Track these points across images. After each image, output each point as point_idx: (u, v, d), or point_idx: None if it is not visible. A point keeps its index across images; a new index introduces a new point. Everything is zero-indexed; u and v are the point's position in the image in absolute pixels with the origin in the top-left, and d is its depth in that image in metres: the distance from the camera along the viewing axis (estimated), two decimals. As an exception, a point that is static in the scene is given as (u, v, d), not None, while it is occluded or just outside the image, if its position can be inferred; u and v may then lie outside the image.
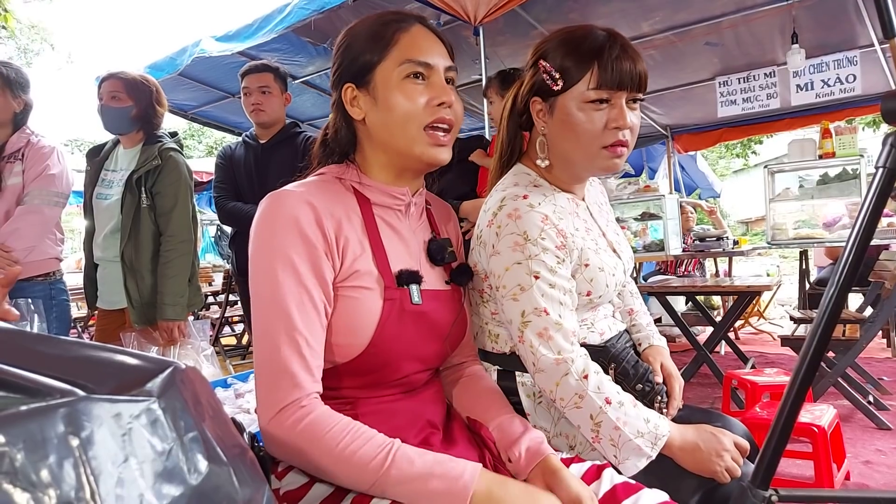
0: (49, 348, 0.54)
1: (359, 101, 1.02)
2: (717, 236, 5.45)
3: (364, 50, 1.01)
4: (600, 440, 1.08)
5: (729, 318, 3.90)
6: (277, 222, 0.93)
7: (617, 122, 1.12)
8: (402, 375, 1.02)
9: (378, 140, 1.03)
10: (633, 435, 1.06)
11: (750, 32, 4.52)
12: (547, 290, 1.11)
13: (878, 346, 5.07)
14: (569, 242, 1.16)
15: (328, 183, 1.02)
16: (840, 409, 3.07)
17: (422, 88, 0.99)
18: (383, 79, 0.99)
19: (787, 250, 8.14)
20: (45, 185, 2.44)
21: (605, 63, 1.10)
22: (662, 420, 1.10)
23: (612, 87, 1.11)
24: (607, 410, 1.06)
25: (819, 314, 0.67)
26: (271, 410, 0.87)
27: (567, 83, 1.14)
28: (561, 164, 1.23)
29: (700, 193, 9.41)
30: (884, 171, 0.66)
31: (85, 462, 0.43)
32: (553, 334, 1.10)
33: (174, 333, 2.38)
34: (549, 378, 1.10)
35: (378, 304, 0.96)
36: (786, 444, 0.70)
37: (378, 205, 1.05)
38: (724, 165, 20.11)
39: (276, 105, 2.84)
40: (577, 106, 1.13)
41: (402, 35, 1.00)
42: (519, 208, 1.13)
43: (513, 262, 1.12)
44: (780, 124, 6.28)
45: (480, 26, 3.41)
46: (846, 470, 2.47)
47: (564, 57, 1.14)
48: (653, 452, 1.06)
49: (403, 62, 0.98)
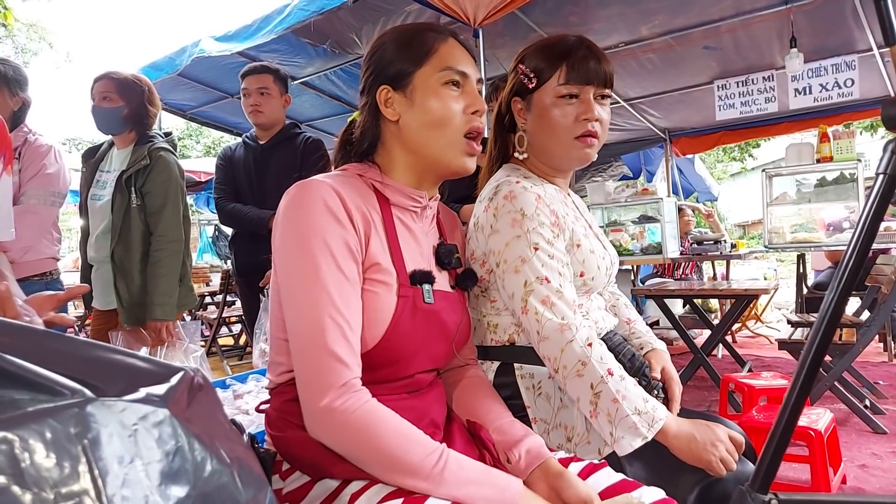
0: (60, 346, 0.54)
1: (394, 102, 1.06)
2: (714, 239, 5.46)
3: (403, 55, 1.06)
4: (598, 414, 1.09)
5: (726, 321, 3.90)
6: (308, 207, 0.94)
7: (586, 114, 1.25)
8: (410, 373, 1.03)
9: (410, 141, 1.06)
10: (631, 411, 1.08)
11: (748, 36, 4.54)
12: (547, 261, 1.17)
13: (874, 350, 5.09)
14: (561, 222, 1.24)
15: (351, 178, 1.05)
16: (836, 412, 3.08)
17: (457, 95, 1.05)
18: (422, 83, 1.04)
19: (785, 254, 8.17)
20: (42, 185, 2.43)
21: (572, 62, 1.25)
22: (661, 406, 1.13)
23: (579, 83, 1.25)
24: (608, 381, 1.09)
25: (819, 318, 0.67)
26: (324, 392, 0.88)
27: (540, 81, 1.28)
28: (540, 156, 1.34)
29: (697, 196, 9.43)
30: (885, 178, 0.67)
31: (92, 463, 0.43)
32: (556, 301, 1.14)
33: (163, 334, 2.36)
34: (553, 345, 1.12)
35: (392, 300, 0.98)
36: (786, 448, 0.70)
37: (396, 205, 1.07)
38: (721, 169, 20.17)
39: (274, 106, 2.83)
40: (551, 101, 1.27)
41: (441, 45, 1.06)
42: (514, 190, 1.22)
43: (512, 237, 1.19)
44: (778, 128, 6.30)
45: (480, 28, 3.42)
46: (842, 474, 2.48)
47: (538, 59, 1.29)
48: (648, 433, 1.08)
49: (443, 69, 1.04)
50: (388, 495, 0.86)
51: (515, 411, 1.18)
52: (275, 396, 1.04)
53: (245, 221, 2.80)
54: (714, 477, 1.08)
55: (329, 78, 5.23)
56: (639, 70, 5.12)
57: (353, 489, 0.89)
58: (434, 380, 1.12)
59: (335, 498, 0.90)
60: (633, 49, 4.68)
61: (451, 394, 1.18)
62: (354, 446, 0.88)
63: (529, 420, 1.21)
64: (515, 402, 1.22)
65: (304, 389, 0.91)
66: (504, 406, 1.15)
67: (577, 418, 1.19)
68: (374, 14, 3.99)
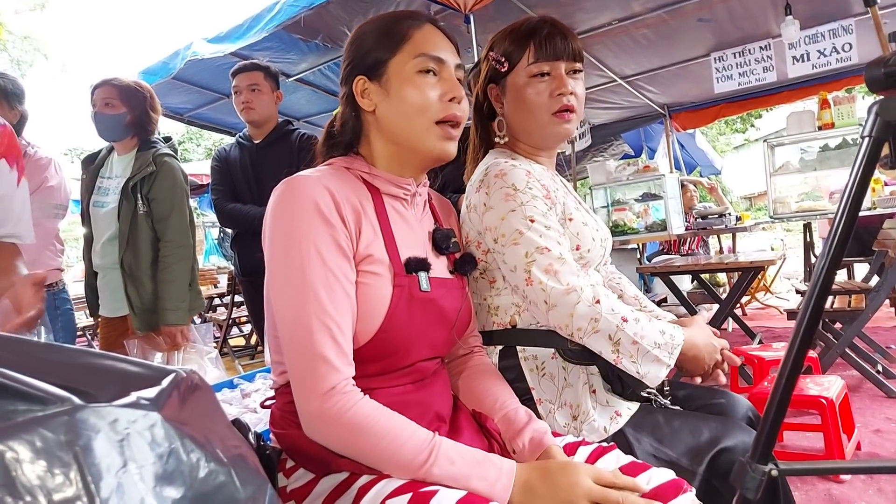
0: (52, 356, 0.55)
1: (370, 92, 1.05)
2: (718, 213, 5.44)
3: (377, 44, 1.05)
4: (621, 359, 1.12)
5: (734, 294, 3.89)
6: (297, 206, 0.94)
7: (559, 89, 1.27)
8: (411, 362, 1.03)
9: (388, 131, 1.05)
10: (651, 346, 1.10)
11: (742, 6, 4.48)
12: (544, 231, 1.18)
13: (885, 314, 5.06)
14: (552, 195, 1.25)
15: (338, 171, 1.04)
16: (849, 379, 3.07)
17: (434, 83, 1.04)
18: (396, 71, 1.03)
19: (792, 223, 8.12)
20: (44, 197, 2.45)
21: (539, 40, 1.28)
22: (677, 330, 1.16)
23: (549, 59, 1.27)
24: (624, 328, 1.11)
25: (811, 286, 0.67)
26: (313, 397, 0.88)
27: (511, 63, 1.31)
28: (521, 137, 1.36)
29: (700, 171, 9.37)
30: (870, 141, 0.66)
31: (84, 469, 0.44)
32: (558, 268, 1.15)
33: (177, 338, 2.38)
34: (562, 311, 1.13)
35: (388, 290, 0.98)
36: (783, 418, 0.70)
37: (386, 194, 1.07)
38: (724, 142, 20.02)
39: (266, 103, 2.83)
40: (524, 81, 1.29)
41: (415, 31, 1.05)
42: (503, 168, 1.24)
43: (507, 211, 1.19)
44: (777, 97, 6.22)
45: (471, 14, 3.39)
46: (857, 440, 2.47)
47: (506, 43, 1.32)
48: (671, 361, 1.12)
49: (417, 56, 1.03)
50: (396, 489, 0.86)
51: (520, 394, 1.19)
52: (278, 396, 1.04)
53: (246, 220, 2.81)
54: (724, 446, 1.09)
55: (323, 73, 5.20)
56: (633, 46, 5.07)
57: (361, 483, 0.89)
58: (438, 368, 1.12)
59: (342, 493, 0.90)
60: (627, 25, 4.63)
61: (457, 383, 1.19)
62: (346, 448, 0.89)
63: (535, 401, 1.21)
64: (520, 384, 1.22)
65: (296, 392, 0.92)
66: (511, 392, 1.15)
67: (581, 397, 1.19)
68: (364, 6, 3.96)
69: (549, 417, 1.19)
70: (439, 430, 1.03)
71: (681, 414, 1.21)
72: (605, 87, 6.03)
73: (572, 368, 1.21)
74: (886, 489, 2.10)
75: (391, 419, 0.90)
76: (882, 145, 0.67)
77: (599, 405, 1.20)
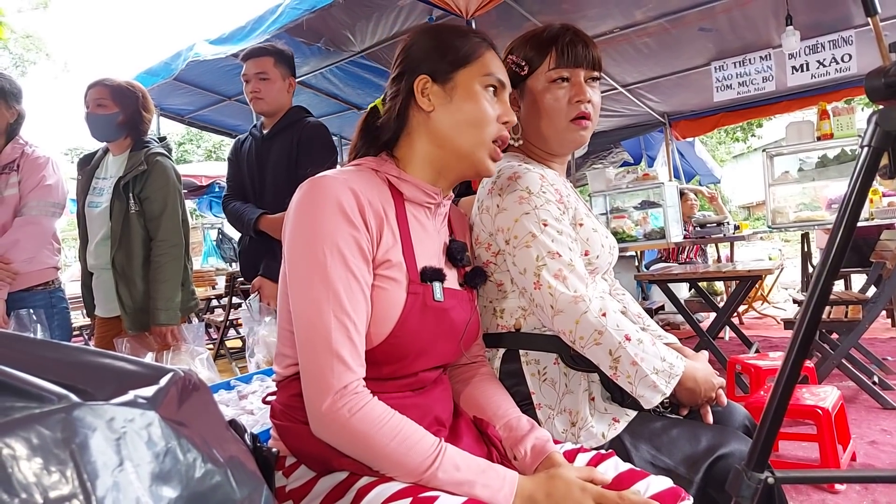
0: (50, 353, 0.55)
1: (431, 93, 1.07)
2: (717, 222, 5.44)
3: (448, 51, 1.08)
4: (618, 376, 1.12)
5: (731, 303, 3.89)
6: (321, 206, 0.94)
7: (578, 96, 1.29)
8: (414, 371, 1.03)
9: (439, 134, 1.07)
10: (650, 371, 1.11)
11: (744, 16, 4.50)
12: (556, 237, 1.19)
13: (881, 326, 5.07)
14: (565, 200, 1.26)
15: (365, 172, 1.05)
16: (845, 390, 3.08)
17: (494, 102, 1.09)
18: (465, 81, 1.07)
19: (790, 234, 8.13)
20: (43, 196, 2.45)
21: (561, 46, 1.29)
22: (678, 360, 1.16)
23: (570, 66, 1.29)
24: (626, 346, 1.11)
25: (808, 296, 0.67)
26: (325, 395, 0.89)
27: (531, 68, 1.32)
28: (536, 141, 1.36)
29: (700, 180, 9.39)
30: (869, 150, 0.66)
31: (80, 467, 0.44)
32: (568, 274, 1.15)
33: (168, 338, 2.37)
34: (568, 318, 1.13)
35: (402, 296, 0.99)
36: (779, 426, 0.70)
37: (410, 200, 1.08)
38: (724, 151, 20.06)
39: (275, 92, 2.56)
40: (543, 86, 1.30)
41: (486, 52, 1.10)
42: (517, 171, 1.25)
43: (521, 213, 1.20)
44: (777, 107, 6.24)
45: (473, 20, 3.40)
46: (852, 451, 2.47)
47: (527, 48, 1.33)
48: (667, 389, 1.12)
49: (488, 74, 1.08)
50: (396, 493, 0.86)
51: (520, 398, 1.19)
52: (281, 390, 1.04)
53: (238, 222, 2.62)
54: (720, 454, 1.09)
55: (325, 76, 5.22)
56: (635, 55, 5.08)
57: (360, 484, 0.90)
58: (439, 377, 1.13)
59: (341, 495, 0.90)
60: (629, 34, 4.65)
61: (459, 391, 1.19)
62: (353, 449, 0.90)
63: (534, 406, 1.21)
64: (521, 388, 1.22)
65: (307, 388, 0.92)
66: (511, 402, 1.16)
67: (580, 403, 1.19)
68: (367, 10, 3.97)
69: (547, 423, 1.19)
70: (438, 434, 1.03)
71: (678, 422, 1.21)
72: (605, 94, 6.04)
73: (573, 375, 1.21)
74: (881, 500, 2.10)
75: (401, 422, 0.91)
76: (881, 155, 0.67)
77: (598, 412, 1.20)
